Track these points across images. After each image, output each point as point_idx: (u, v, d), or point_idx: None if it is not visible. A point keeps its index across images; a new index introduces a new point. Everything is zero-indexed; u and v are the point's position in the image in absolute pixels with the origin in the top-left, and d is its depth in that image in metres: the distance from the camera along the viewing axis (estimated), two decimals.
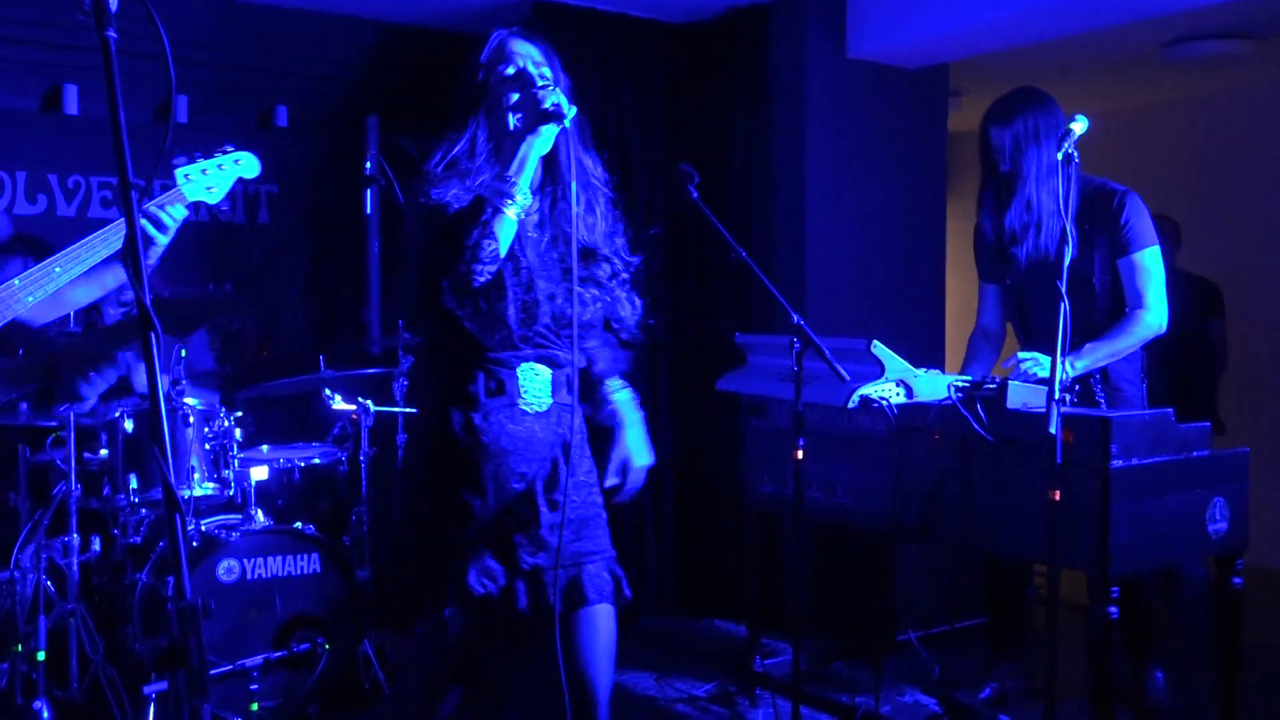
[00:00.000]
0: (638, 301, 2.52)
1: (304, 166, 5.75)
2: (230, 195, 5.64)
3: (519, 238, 2.30)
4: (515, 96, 2.33)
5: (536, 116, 2.27)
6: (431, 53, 5.50)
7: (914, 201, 5.21)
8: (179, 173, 2.59)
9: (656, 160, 5.17)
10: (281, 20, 5.11)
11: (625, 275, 2.50)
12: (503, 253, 2.25)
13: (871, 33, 4.85)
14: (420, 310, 2.38)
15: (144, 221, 2.30)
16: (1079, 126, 2.97)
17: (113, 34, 1.41)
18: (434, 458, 2.37)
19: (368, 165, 5.63)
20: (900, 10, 4.72)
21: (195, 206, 2.62)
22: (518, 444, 2.34)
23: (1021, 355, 3.36)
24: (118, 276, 2.60)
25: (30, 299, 2.37)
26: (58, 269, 2.37)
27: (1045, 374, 3.14)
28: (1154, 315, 3.43)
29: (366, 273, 5.94)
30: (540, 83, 2.31)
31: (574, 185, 2.29)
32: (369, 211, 5.93)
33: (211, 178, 2.66)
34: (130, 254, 1.34)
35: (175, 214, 2.53)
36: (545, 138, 2.29)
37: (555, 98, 2.26)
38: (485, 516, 2.32)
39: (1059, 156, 2.96)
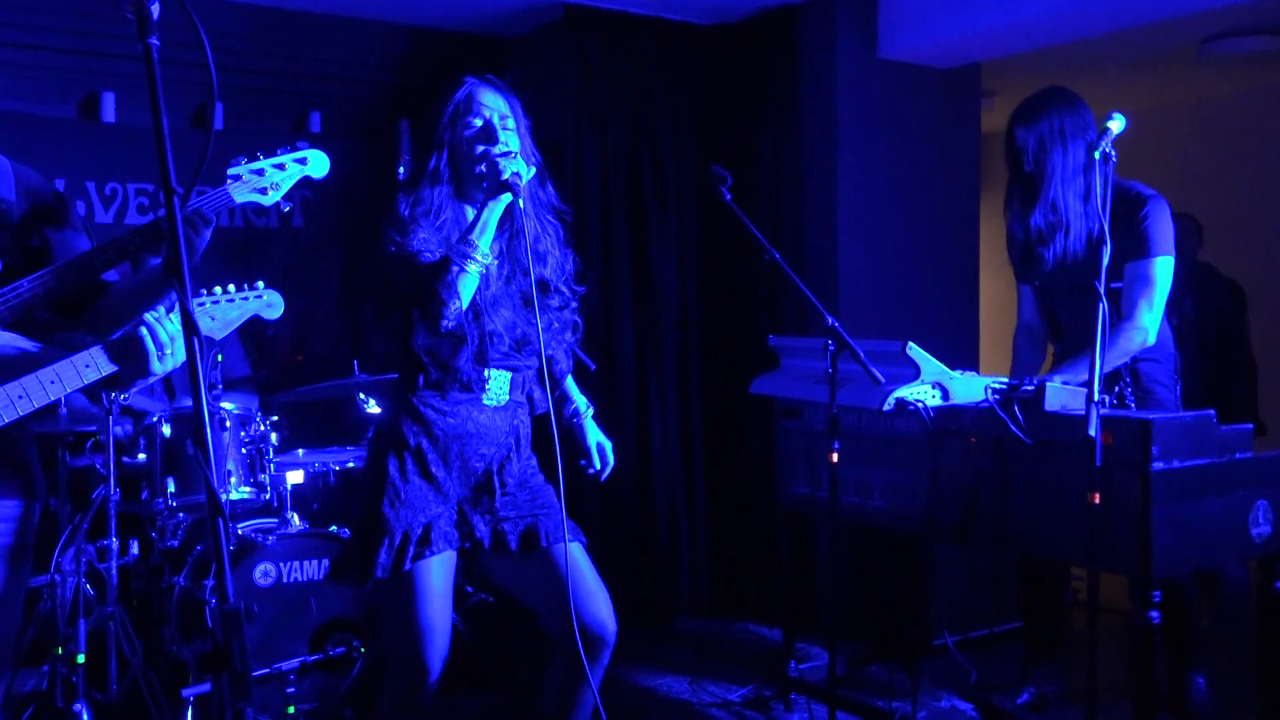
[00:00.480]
0: (579, 326, 2.81)
1: (337, 171, 5.74)
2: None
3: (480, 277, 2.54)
4: (480, 148, 2.58)
5: (496, 185, 2.49)
6: (464, 56, 5.52)
7: (947, 202, 5.18)
8: (230, 172, 2.45)
9: (688, 162, 5.17)
10: (315, 25, 5.14)
11: (573, 304, 2.78)
12: (464, 305, 2.49)
13: (903, 32, 4.82)
14: (385, 330, 2.65)
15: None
16: (1116, 125, 2.94)
17: (155, 41, 1.42)
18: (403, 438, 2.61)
19: (400, 169, 5.65)
20: (932, 10, 4.70)
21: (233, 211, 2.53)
22: (480, 430, 2.63)
23: (1051, 375, 3.29)
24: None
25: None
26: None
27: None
28: (1139, 331, 3.35)
29: None
30: (500, 148, 2.53)
31: (528, 248, 2.55)
32: None
33: (269, 177, 2.53)
34: (174, 262, 1.35)
35: (200, 223, 2.38)
36: (503, 203, 2.50)
37: (514, 167, 2.48)
38: (448, 490, 2.62)
39: (1096, 155, 2.93)
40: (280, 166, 2.50)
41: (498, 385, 2.64)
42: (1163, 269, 3.37)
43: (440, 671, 2.60)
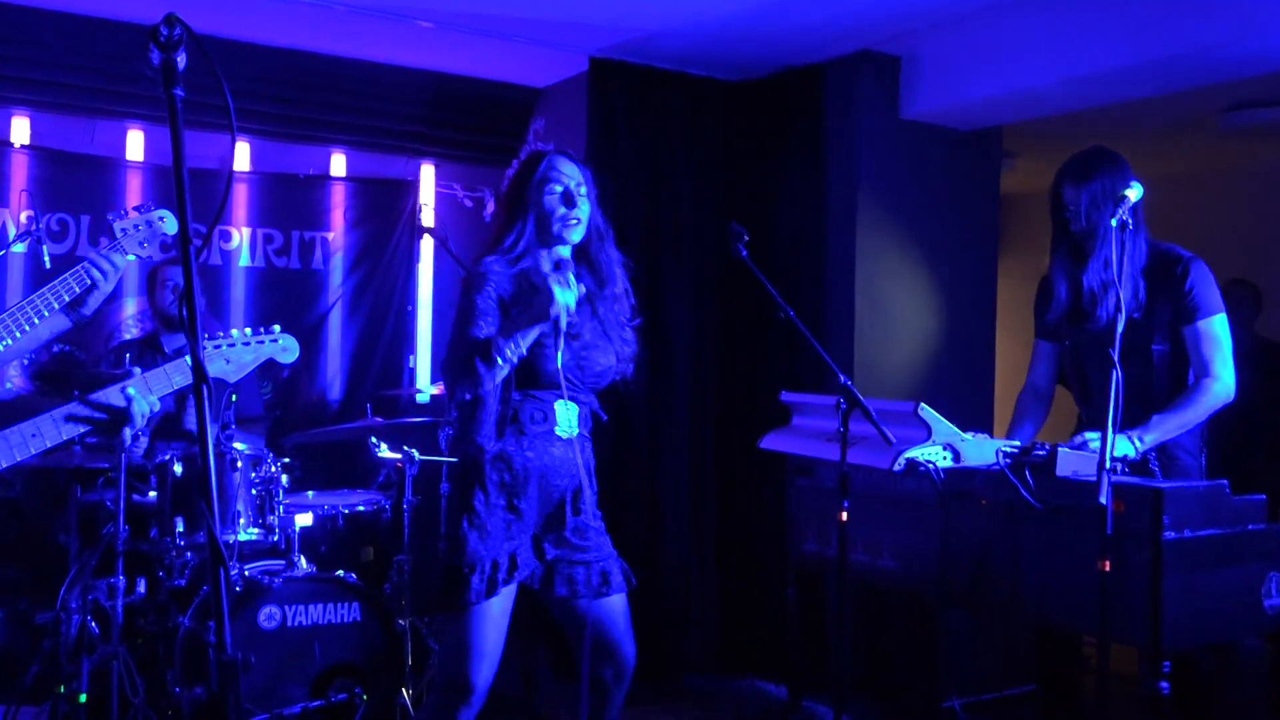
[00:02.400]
0: (632, 371, 3.12)
1: (359, 214, 5.83)
2: (286, 239, 5.76)
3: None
4: (562, 210, 2.91)
5: (539, 310, 2.67)
6: (488, 104, 5.59)
7: (966, 262, 5.18)
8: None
9: (709, 215, 5.19)
10: (342, 70, 5.22)
11: (633, 350, 3.10)
12: (498, 381, 2.77)
13: (925, 94, 4.85)
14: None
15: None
16: (1134, 193, 2.95)
17: (180, 92, 1.44)
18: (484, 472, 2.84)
19: (420, 214, 5.70)
20: (954, 73, 4.73)
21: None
22: (556, 463, 2.88)
23: (1088, 435, 3.27)
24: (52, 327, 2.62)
25: None
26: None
27: (1115, 450, 3.08)
28: (1222, 385, 3.35)
29: (416, 321, 6.00)
30: (556, 279, 2.68)
31: (563, 322, 2.71)
32: (420, 260, 6.00)
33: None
34: (187, 306, 1.36)
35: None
36: (539, 327, 2.72)
37: (565, 299, 2.65)
38: (528, 520, 2.86)
39: (1113, 223, 2.93)
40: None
41: (565, 416, 2.89)
42: (1221, 326, 3.38)
43: (484, 697, 2.82)
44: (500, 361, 2.68)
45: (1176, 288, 3.37)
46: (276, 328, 2.51)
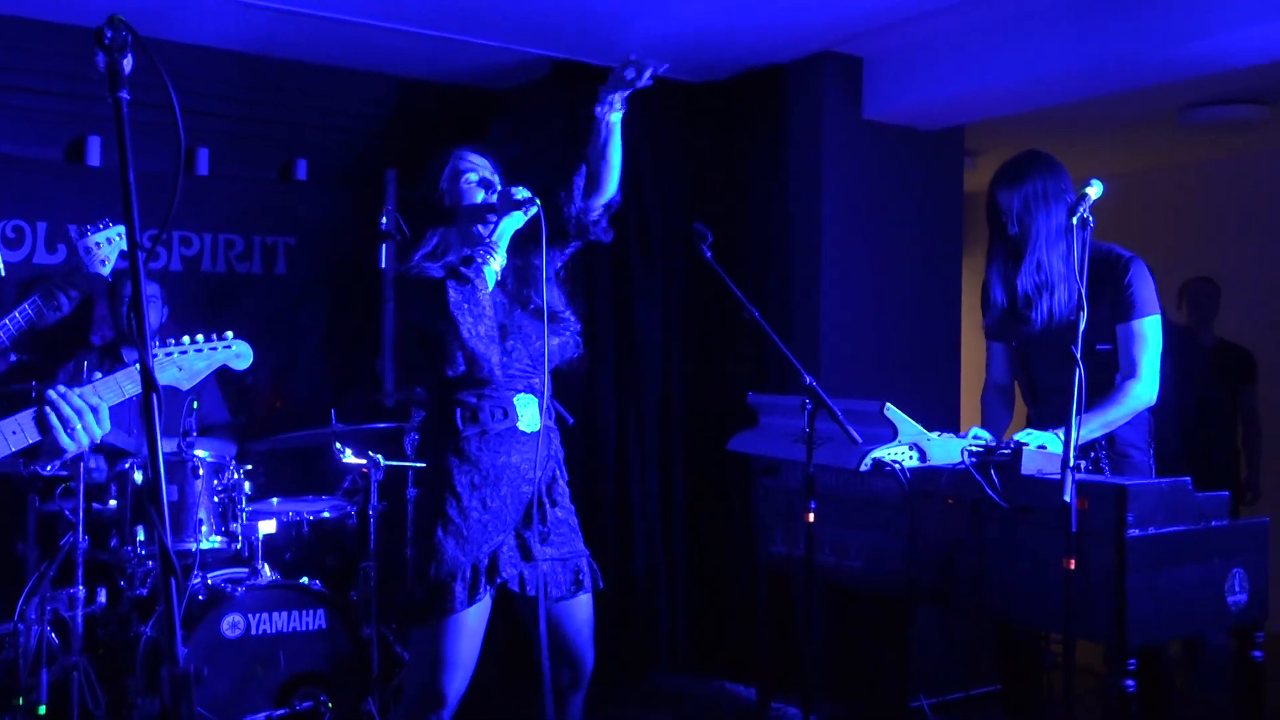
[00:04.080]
0: (582, 349, 3.08)
1: (322, 219, 5.78)
2: (248, 245, 5.70)
3: (497, 303, 2.85)
4: (481, 195, 2.94)
5: (510, 204, 2.83)
6: (451, 108, 5.55)
7: (930, 262, 5.20)
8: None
9: (675, 216, 5.18)
10: (303, 74, 5.17)
11: (577, 328, 3.06)
12: (490, 287, 2.78)
13: (887, 94, 4.87)
14: (419, 364, 2.94)
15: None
16: (1094, 191, 2.95)
17: (125, 95, 1.41)
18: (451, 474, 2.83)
19: (384, 219, 5.66)
20: (915, 73, 4.74)
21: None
22: (524, 459, 2.88)
23: (1019, 436, 3.29)
24: None
25: None
26: None
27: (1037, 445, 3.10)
28: (1144, 386, 3.36)
29: (381, 326, 5.96)
30: (499, 185, 2.93)
31: (543, 248, 2.82)
32: (384, 265, 5.96)
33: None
34: (135, 314, 1.33)
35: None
36: (516, 219, 2.84)
37: (524, 192, 2.82)
38: (504, 519, 2.84)
39: (1074, 220, 2.94)
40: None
41: (526, 410, 2.88)
42: (1154, 328, 3.39)
43: (456, 707, 2.80)
44: (490, 260, 2.75)
45: (1117, 285, 3.39)
46: (229, 334, 2.47)
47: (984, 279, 3.67)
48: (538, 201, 2.82)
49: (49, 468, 2.04)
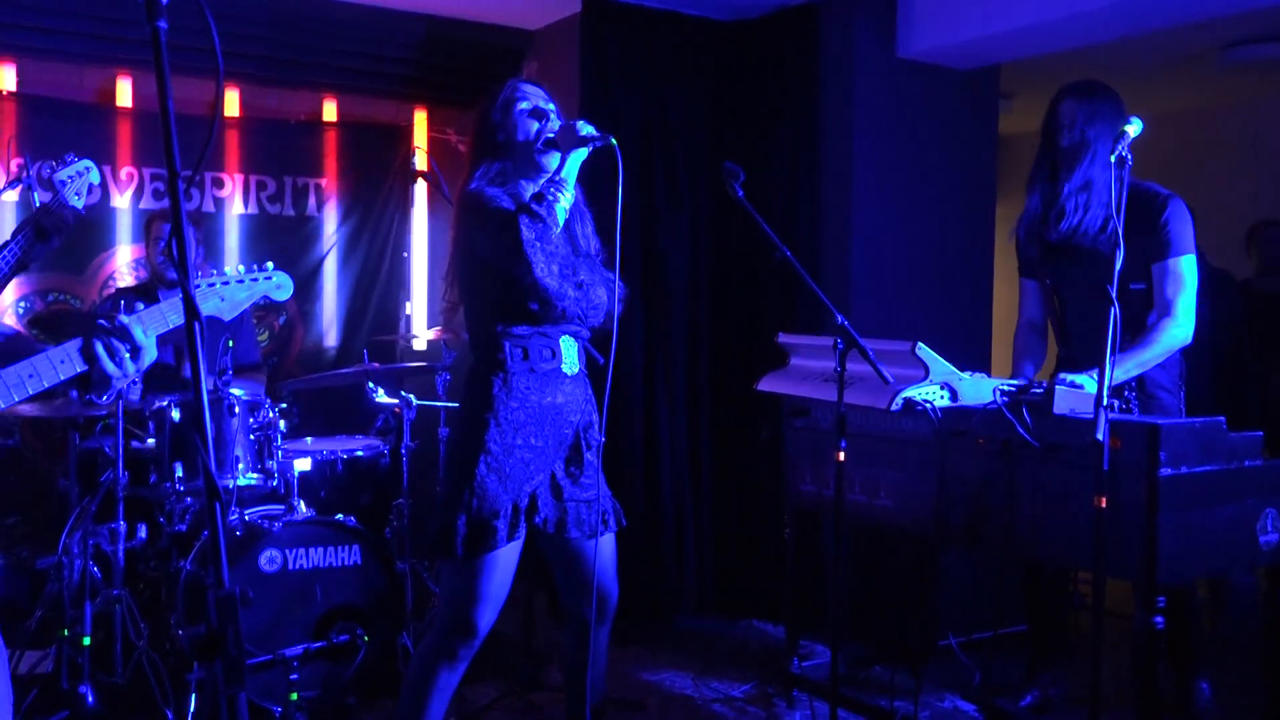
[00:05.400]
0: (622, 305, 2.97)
1: (352, 160, 5.80)
2: (279, 186, 5.74)
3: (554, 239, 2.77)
4: (535, 126, 2.87)
5: (575, 140, 2.77)
6: (481, 47, 5.53)
7: (963, 203, 5.16)
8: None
9: (703, 157, 5.15)
10: (334, 13, 5.15)
11: (622, 290, 2.94)
12: (560, 227, 2.73)
13: (922, 33, 4.80)
14: (474, 291, 2.90)
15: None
16: (1133, 129, 2.93)
17: (163, 24, 1.41)
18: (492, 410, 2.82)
19: (414, 158, 5.66)
20: (952, 10, 4.67)
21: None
22: (567, 399, 2.89)
23: (1067, 377, 3.28)
24: None
25: None
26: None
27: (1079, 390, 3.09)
28: (1180, 326, 3.35)
29: (411, 267, 5.99)
30: (558, 117, 2.86)
31: (619, 191, 2.65)
32: (415, 205, 5.98)
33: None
34: (176, 242, 1.35)
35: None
36: (581, 155, 2.80)
37: (589, 128, 2.76)
38: (547, 457, 2.86)
39: (1112, 158, 2.91)
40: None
41: (569, 352, 2.88)
42: (1190, 267, 3.37)
43: (484, 638, 2.82)
44: (561, 197, 2.72)
45: (1153, 223, 3.36)
46: (270, 265, 2.48)
47: (1020, 215, 3.64)
48: (610, 139, 2.72)
49: (104, 398, 2.08)
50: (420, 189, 5.97)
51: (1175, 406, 3.49)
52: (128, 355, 2.02)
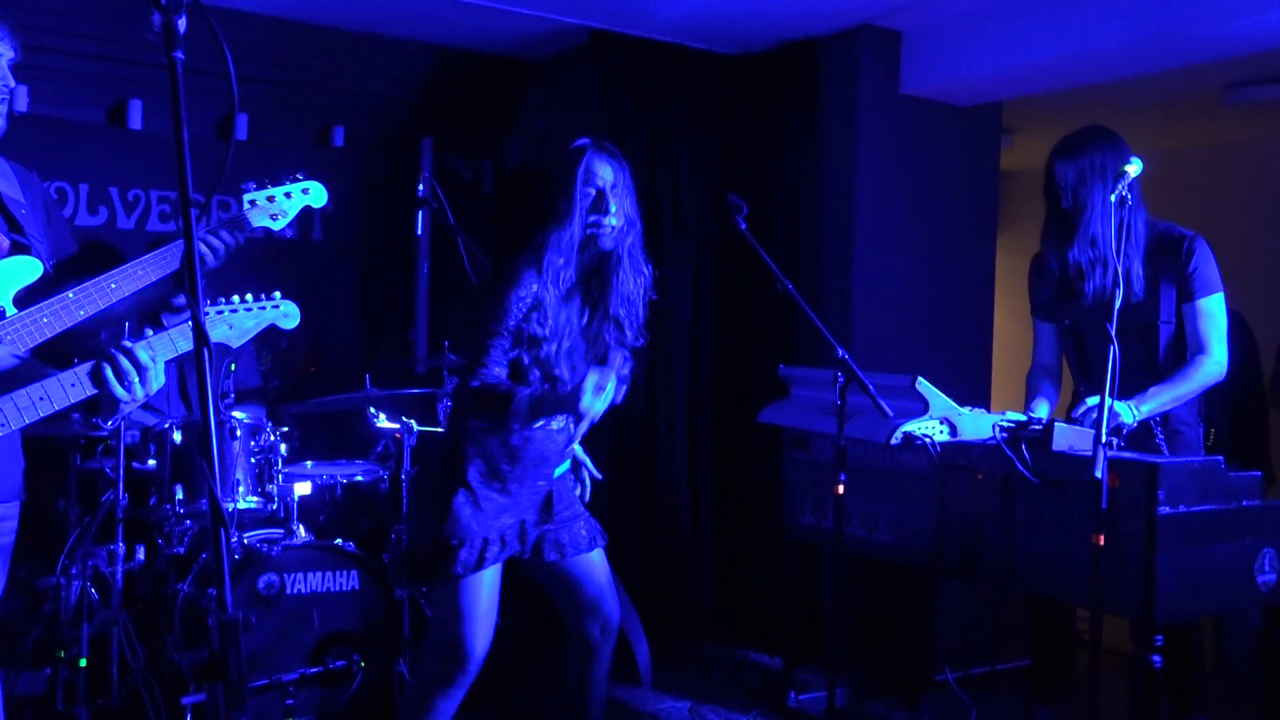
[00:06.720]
0: (629, 360, 3.03)
1: (358, 186, 5.82)
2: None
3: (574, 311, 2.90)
4: (592, 218, 2.84)
5: (568, 404, 2.67)
6: (487, 77, 5.57)
7: (964, 238, 5.19)
8: (245, 198, 2.58)
9: (707, 189, 5.18)
10: (341, 41, 5.19)
11: (631, 334, 2.99)
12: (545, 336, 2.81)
13: (925, 69, 4.84)
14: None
15: (201, 245, 2.27)
16: (1133, 169, 2.96)
17: (180, 55, 1.44)
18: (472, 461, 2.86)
19: (420, 187, 5.68)
20: (954, 48, 4.72)
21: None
22: (551, 453, 2.93)
23: (1090, 401, 3.29)
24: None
25: (82, 312, 2.37)
26: (113, 285, 2.38)
27: (1114, 415, 3.09)
28: (1215, 362, 3.37)
29: (415, 293, 6.00)
30: (594, 383, 2.60)
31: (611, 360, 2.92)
32: (419, 232, 5.99)
33: (278, 205, 2.66)
34: (188, 270, 1.36)
35: (229, 240, 2.53)
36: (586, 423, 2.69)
37: (594, 408, 2.59)
38: (521, 504, 2.89)
39: (1112, 199, 2.94)
40: (288, 195, 2.57)
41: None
42: (1219, 305, 3.40)
43: (480, 665, 2.83)
44: (513, 425, 2.78)
45: (1181, 266, 3.39)
46: (278, 294, 2.51)
47: (1036, 254, 3.66)
48: (588, 422, 2.66)
49: (109, 423, 2.13)
50: (424, 216, 5.99)
51: (1197, 441, 3.50)
52: (137, 380, 2.04)
